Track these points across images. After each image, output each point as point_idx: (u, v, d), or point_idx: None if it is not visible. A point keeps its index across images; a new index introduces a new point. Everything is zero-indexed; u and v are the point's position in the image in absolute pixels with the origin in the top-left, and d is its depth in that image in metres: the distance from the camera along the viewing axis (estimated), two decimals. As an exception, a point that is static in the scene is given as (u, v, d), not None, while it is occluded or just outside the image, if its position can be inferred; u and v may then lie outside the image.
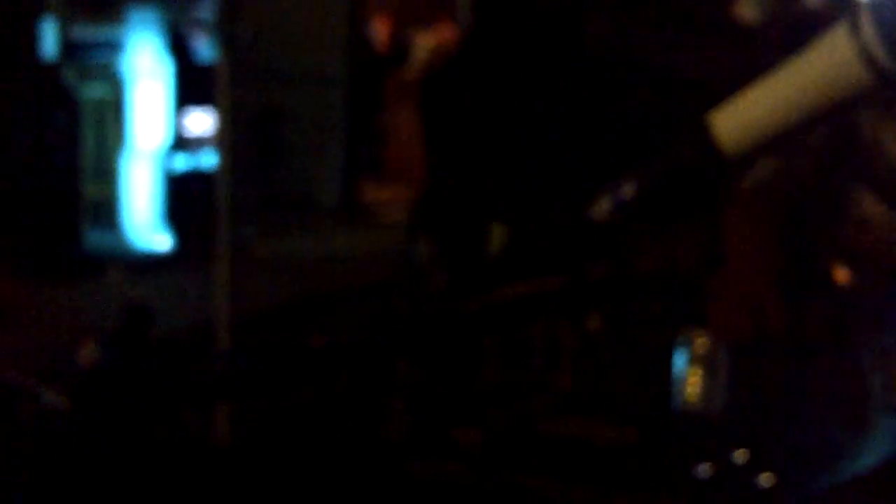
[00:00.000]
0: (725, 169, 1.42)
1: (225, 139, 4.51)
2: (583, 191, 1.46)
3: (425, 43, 11.01)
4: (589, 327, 3.85)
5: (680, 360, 1.81)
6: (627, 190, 1.46)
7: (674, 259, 1.55)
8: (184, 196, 7.33)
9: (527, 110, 3.55)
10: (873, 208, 2.05)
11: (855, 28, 1.36)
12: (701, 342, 1.83)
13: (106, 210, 7.32)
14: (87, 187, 7.29)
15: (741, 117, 1.43)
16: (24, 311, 5.61)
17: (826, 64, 1.38)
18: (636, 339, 3.27)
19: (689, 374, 1.85)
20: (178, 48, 7.48)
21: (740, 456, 1.81)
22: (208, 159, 7.19)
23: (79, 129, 7.29)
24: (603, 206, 1.47)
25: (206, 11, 7.25)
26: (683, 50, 2.97)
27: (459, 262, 3.77)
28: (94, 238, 7.19)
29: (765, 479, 1.76)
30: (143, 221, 7.38)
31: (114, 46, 7.37)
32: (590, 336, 3.82)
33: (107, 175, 7.35)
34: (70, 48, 7.34)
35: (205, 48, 7.25)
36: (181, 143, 7.54)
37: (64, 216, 6.97)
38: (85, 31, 7.39)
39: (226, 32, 4.45)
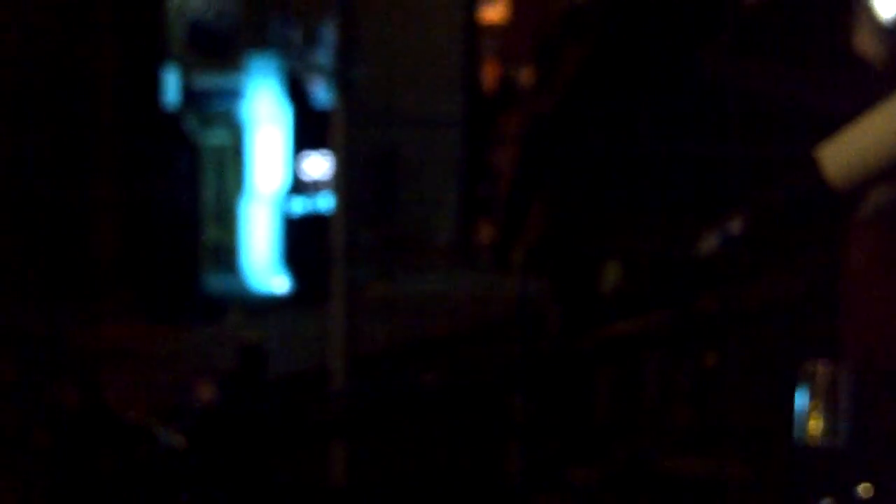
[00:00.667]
0: (834, 202, 1.40)
1: (341, 182, 4.57)
2: (693, 226, 1.46)
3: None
4: (706, 364, 3.82)
5: (801, 394, 1.79)
6: (735, 225, 1.46)
7: (784, 291, 1.54)
8: (301, 239, 7.44)
9: (640, 145, 3.54)
10: None
11: None
12: (823, 374, 1.80)
13: (225, 253, 7.46)
14: (208, 231, 7.43)
15: (850, 150, 1.42)
16: (144, 353, 5.72)
17: None
18: (753, 375, 3.22)
19: (810, 408, 1.82)
20: (296, 94, 7.61)
21: (865, 490, 1.77)
22: (325, 202, 7.29)
23: (200, 175, 7.44)
24: (710, 242, 1.47)
25: (323, 57, 7.38)
26: (799, 82, 2.95)
27: (574, 300, 3.77)
28: (214, 281, 7.32)
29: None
30: (262, 264, 7.49)
31: (233, 94, 7.53)
32: (706, 372, 3.78)
33: (226, 219, 7.49)
34: (191, 96, 7.51)
35: (322, 93, 7.37)
36: (299, 186, 7.66)
37: (185, 260, 7.11)
38: (206, 80, 7.56)
39: (342, 77, 4.52)
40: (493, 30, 11.43)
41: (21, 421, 1.52)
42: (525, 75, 11.15)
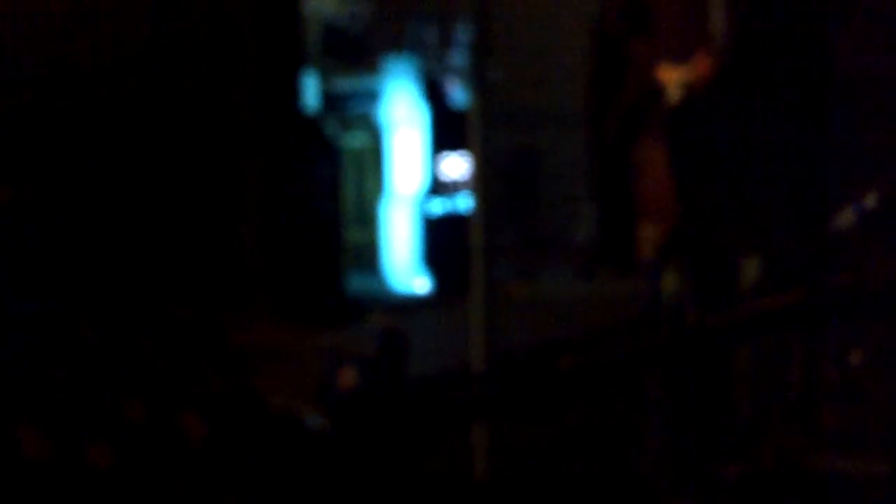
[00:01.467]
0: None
1: (479, 183, 4.59)
2: (826, 208, 1.44)
3: (680, 78, 10.92)
4: (851, 362, 3.75)
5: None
6: (870, 200, 1.44)
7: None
8: (442, 240, 7.49)
9: (776, 138, 3.50)
10: None
11: None
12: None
13: (367, 255, 7.55)
14: (350, 233, 7.53)
15: None
16: (290, 352, 5.82)
17: None
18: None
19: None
20: (433, 95, 7.67)
21: None
22: (464, 203, 7.33)
23: (341, 177, 7.54)
24: (847, 217, 1.45)
25: (458, 58, 7.42)
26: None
27: (711, 296, 3.73)
28: (356, 282, 7.41)
29: None
30: (403, 265, 7.56)
31: (371, 96, 7.62)
32: (852, 370, 3.71)
33: (367, 221, 7.58)
34: (331, 100, 7.62)
35: (458, 94, 7.41)
36: (438, 187, 7.71)
37: (328, 262, 7.21)
38: (344, 83, 7.66)
39: (478, 77, 4.54)
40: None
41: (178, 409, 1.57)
42: (674, 71, 11.04)
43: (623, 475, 4.14)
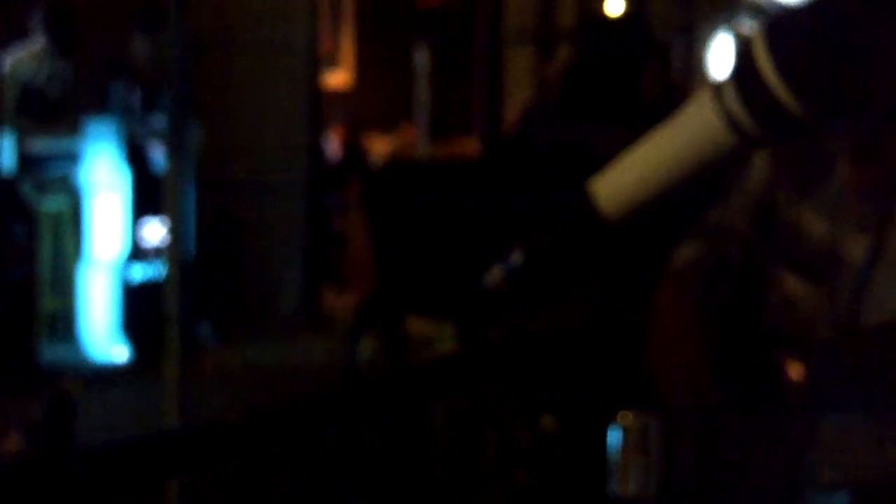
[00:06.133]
0: (607, 233, 1.43)
1: (174, 249, 4.50)
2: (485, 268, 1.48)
3: (382, 149, 11.11)
4: (543, 427, 3.84)
5: (613, 444, 1.82)
6: (517, 257, 1.49)
7: (565, 321, 1.56)
8: (141, 307, 7.31)
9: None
10: (796, 288, 2.07)
11: (718, 92, 1.41)
12: (633, 424, 1.83)
13: (63, 322, 7.29)
14: (45, 300, 7.26)
15: (618, 182, 1.46)
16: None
17: (693, 128, 1.43)
18: (577, 434, 3.25)
19: (622, 459, 1.85)
20: (135, 159, 7.51)
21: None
22: (164, 269, 7.18)
23: (36, 242, 7.28)
24: (495, 275, 1.50)
25: (162, 122, 7.30)
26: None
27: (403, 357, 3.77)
28: (50, 350, 7.14)
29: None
30: (101, 333, 7.33)
31: (71, 158, 7.39)
32: (544, 436, 3.80)
33: (64, 287, 7.32)
34: (27, 161, 7.36)
35: (161, 158, 7.28)
36: (139, 253, 7.54)
37: (19, 329, 6.92)
38: (42, 144, 7.42)
39: (175, 141, 4.46)
40: (337, 96, 11.49)
41: None
42: (377, 142, 11.27)
43: None
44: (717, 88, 1.39)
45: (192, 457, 1.45)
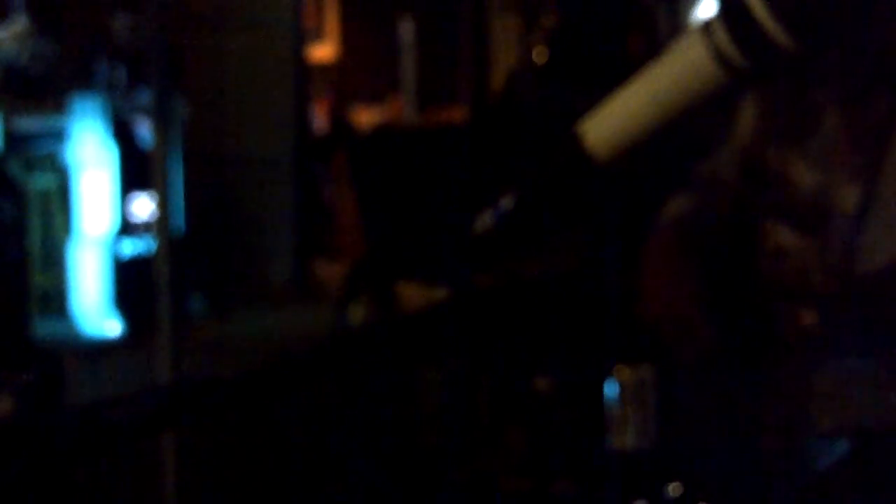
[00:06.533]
0: (598, 176, 1.44)
1: (162, 223, 4.50)
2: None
3: (369, 120, 11.11)
4: (539, 388, 3.86)
5: (610, 397, 1.83)
6: (507, 202, 1.49)
7: (555, 266, 1.57)
8: (132, 281, 7.32)
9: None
10: (788, 238, 2.08)
11: (708, 29, 1.41)
12: (629, 377, 1.84)
13: (55, 298, 7.30)
14: (36, 277, 7.25)
15: (606, 121, 1.46)
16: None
17: (683, 65, 1.43)
18: (572, 391, 3.27)
19: (619, 412, 1.86)
20: (122, 134, 7.50)
21: (674, 489, 1.82)
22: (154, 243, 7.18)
23: (26, 220, 7.27)
24: (485, 220, 1.50)
25: (148, 97, 7.28)
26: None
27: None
28: (44, 327, 7.15)
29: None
30: (93, 308, 7.34)
31: (58, 136, 7.38)
32: (541, 397, 3.82)
33: (55, 264, 7.32)
34: (14, 140, 7.35)
35: (147, 133, 7.27)
36: (128, 228, 7.54)
37: (12, 306, 6.92)
38: (28, 123, 7.40)
39: (160, 115, 4.45)
40: (323, 69, 11.46)
41: None
42: (363, 113, 11.24)
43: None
44: (707, 24, 1.40)
45: (183, 411, 1.45)
